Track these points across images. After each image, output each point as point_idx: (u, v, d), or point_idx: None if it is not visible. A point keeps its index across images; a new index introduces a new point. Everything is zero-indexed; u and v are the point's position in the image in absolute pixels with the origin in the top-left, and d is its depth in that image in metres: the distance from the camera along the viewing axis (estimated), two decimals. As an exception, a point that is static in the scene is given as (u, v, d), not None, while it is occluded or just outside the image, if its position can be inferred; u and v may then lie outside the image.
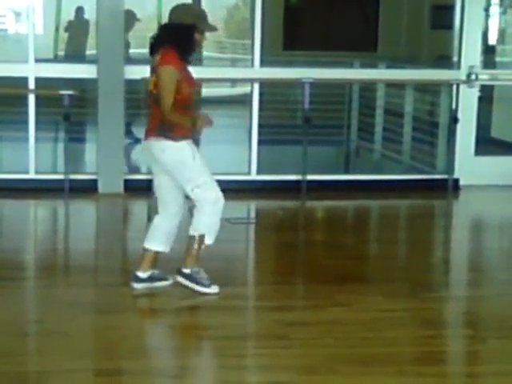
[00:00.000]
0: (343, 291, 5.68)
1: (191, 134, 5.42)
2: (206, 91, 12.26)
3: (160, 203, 5.61)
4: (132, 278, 5.57)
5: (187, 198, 5.58)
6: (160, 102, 5.26)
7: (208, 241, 5.52)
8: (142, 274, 5.56)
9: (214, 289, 5.55)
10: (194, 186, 5.44)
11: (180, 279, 5.57)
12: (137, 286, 5.56)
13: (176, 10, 5.48)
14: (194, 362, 4.55)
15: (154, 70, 5.38)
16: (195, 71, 5.55)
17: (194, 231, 5.52)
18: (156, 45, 5.42)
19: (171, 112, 5.26)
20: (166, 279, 5.64)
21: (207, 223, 5.53)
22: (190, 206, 5.63)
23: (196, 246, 5.53)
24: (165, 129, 5.33)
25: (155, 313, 5.42)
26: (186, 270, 5.55)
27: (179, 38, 5.34)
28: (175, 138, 5.35)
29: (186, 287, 5.52)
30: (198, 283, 5.54)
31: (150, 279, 5.58)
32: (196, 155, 5.43)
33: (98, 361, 4.63)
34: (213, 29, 5.58)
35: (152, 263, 5.59)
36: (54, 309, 5.29)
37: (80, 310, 5.29)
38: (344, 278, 5.99)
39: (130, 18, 9.80)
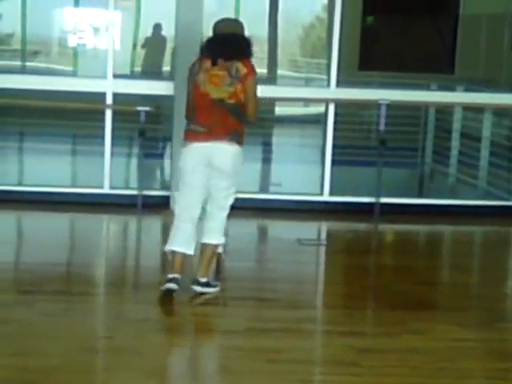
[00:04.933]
0: (416, 318, 5.56)
1: None
2: (280, 110, 12.27)
3: (187, 206, 5.73)
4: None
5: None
6: (246, 108, 5.57)
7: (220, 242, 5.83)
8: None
9: (218, 285, 5.84)
10: (229, 194, 5.74)
11: (198, 288, 5.73)
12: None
13: (230, 23, 5.76)
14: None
15: (238, 80, 5.53)
16: (270, 90, 5.59)
17: (213, 240, 5.74)
18: (235, 53, 5.58)
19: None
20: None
21: (224, 231, 5.81)
22: None
23: (213, 254, 5.77)
24: (238, 135, 5.62)
25: (223, 333, 5.36)
26: (204, 279, 5.74)
27: (251, 48, 5.66)
28: (242, 145, 5.67)
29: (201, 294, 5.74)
30: (211, 286, 5.77)
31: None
32: None
33: (167, 380, 4.60)
34: None
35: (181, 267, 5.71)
36: (124, 325, 5.29)
37: (149, 327, 5.28)
38: (417, 305, 5.88)
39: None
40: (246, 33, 5.75)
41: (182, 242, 5.67)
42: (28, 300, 5.65)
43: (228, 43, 5.62)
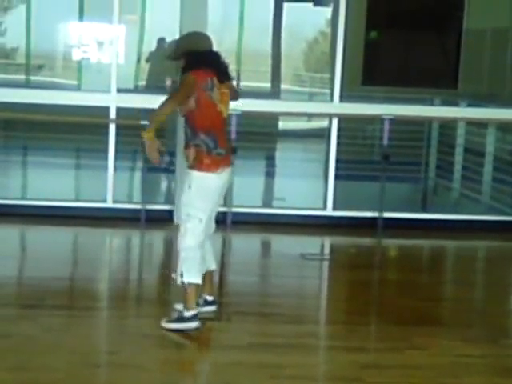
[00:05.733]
0: (420, 334, 5.55)
1: None
2: (283, 124, 12.29)
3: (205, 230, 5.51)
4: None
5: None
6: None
7: None
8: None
9: None
10: None
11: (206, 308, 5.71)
12: None
13: (210, 39, 5.60)
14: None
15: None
16: (274, 105, 5.58)
17: (215, 265, 5.81)
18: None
19: None
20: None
21: None
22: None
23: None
24: None
25: (226, 348, 5.33)
26: (211, 298, 5.75)
27: None
28: None
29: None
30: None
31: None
32: None
33: (170, 396, 4.59)
34: None
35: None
36: (127, 340, 5.28)
37: (152, 342, 5.27)
38: (420, 320, 5.86)
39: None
40: None
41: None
42: (31, 314, 5.64)
43: (224, 62, 5.57)
